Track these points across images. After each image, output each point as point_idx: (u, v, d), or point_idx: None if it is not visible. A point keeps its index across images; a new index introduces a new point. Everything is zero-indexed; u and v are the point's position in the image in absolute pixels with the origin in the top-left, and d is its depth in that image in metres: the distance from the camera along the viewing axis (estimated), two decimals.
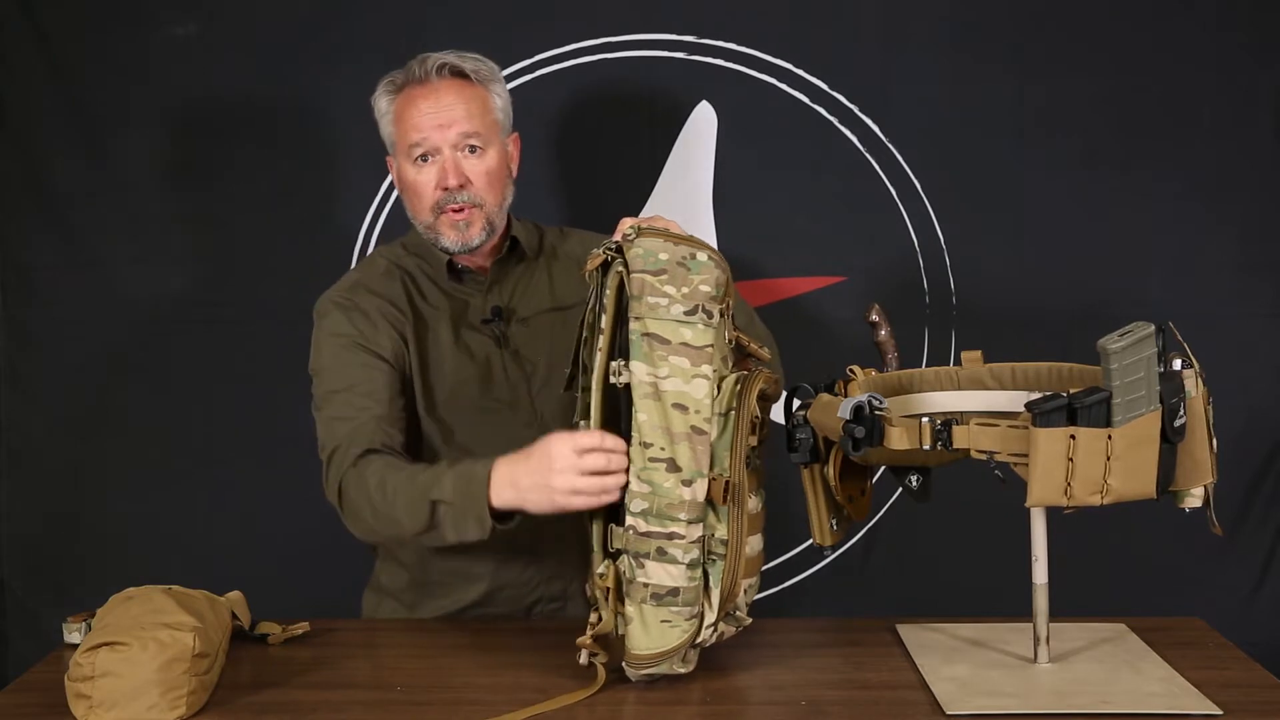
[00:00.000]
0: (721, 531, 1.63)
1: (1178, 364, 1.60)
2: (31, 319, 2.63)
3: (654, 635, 1.62)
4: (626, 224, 1.67)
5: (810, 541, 1.79)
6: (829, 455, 1.73)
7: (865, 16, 2.57)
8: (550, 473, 1.67)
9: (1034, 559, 1.70)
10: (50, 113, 2.59)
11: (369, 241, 2.59)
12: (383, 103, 2.06)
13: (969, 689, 1.64)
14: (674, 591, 1.61)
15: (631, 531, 1.62)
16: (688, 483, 1.60)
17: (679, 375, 1.61)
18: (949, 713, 1.58)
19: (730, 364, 1.69)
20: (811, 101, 2.58)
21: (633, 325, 1.62)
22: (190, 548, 2.62)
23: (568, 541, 1.98)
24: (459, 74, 2.03)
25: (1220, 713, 1.57)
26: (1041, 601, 1.71)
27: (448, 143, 2.00)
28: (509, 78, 2.55)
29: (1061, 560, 1.73)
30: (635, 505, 1.62)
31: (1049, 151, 2.59)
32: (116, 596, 1.72)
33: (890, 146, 2.58)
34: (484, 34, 2.54)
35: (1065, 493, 1.55)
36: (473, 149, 2.02)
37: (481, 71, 2.05)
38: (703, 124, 2.59)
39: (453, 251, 2.05)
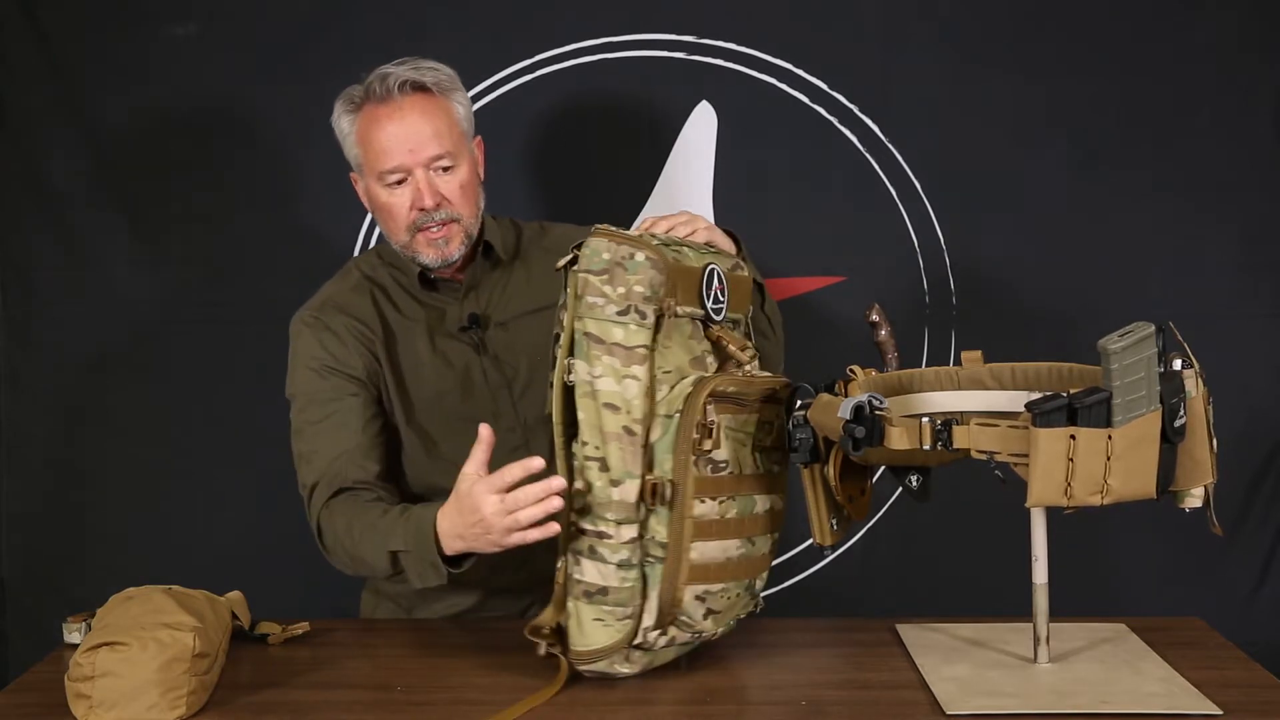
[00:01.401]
0: (663, 535, 1.61)
1: (1178, 364, 1.59)
2: (31, 319, 2.63)
3: (587, 632, 1.62)
4: (648, 223, 1.68)
5: (810, 541, 1.78)
6: (829, 455, 1.73)
7: (865, 16, 2.56)
8: (483, 524, 1.66)
9: (1034, 559, 1.70)
10: (50, 113, 2.59)
11: (369, 241, 2.59)
12: (344, 123, 2.03)
13: (969, 689, 1.64)
14: (603, 590, 1.61)
15: (573, 528, 1.63)
16: (616, 483, 1.59)
17: (611, 375, 1.59)
18: (949, 713, 1.57)
19: (714, 364, 1.68)
20: (811, 101, 2.58)
21: (575, 324, 1.62)
22: (190, 547, 2.61)
23: (558, 545, 1.98)
24: (420, 88, 2.00)
25: (1220, 713, 1.57)
26: (1041, 601, 1.71)
27: (419, 164, 1.98)
28: (509, 78, 2.55)
29: (1061, 560, 1.72)
30: (576, 502, 1.62)
31: (1049, 151, 2.58)
32: (116, 596, 1.72)
33: (890, 146, 2.58)
34: (484, 34, 2.54)
35: (1065, 493, 1.54)
36: (445, 168, 2.00)
37: (442, 82, 2.02)
38: (703, 124, 2.58)
39: (432, 268, 2.04)
